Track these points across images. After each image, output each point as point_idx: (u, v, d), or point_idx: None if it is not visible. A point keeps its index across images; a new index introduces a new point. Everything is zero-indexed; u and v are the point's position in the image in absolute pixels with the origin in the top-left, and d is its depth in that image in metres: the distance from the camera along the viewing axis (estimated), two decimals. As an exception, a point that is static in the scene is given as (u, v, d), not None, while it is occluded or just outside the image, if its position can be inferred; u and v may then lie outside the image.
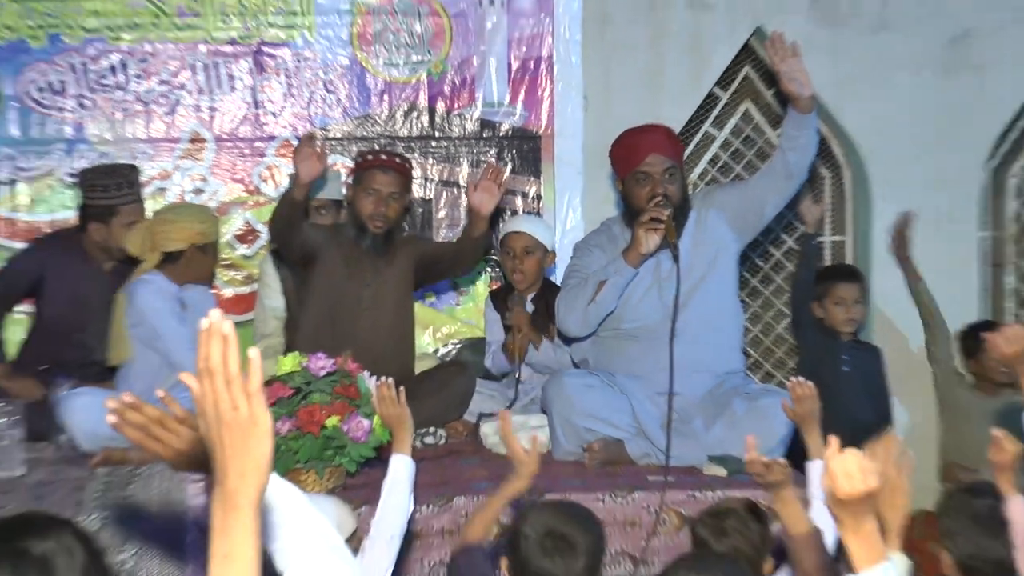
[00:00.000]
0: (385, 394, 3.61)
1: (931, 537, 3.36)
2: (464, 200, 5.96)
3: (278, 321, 5.59)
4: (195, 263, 4.99)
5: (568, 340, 5.16)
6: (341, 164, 5.83)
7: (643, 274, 4.75)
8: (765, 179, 4.97)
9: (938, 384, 5.93)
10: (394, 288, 5.31)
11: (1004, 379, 5.27)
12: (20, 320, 5.65)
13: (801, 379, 3.65)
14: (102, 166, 5.56)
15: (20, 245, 5.72)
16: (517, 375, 5.42)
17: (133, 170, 5.50)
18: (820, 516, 3.28)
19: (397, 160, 5.27)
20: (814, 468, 3.56)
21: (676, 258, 4.67)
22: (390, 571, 3.36)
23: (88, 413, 4.71)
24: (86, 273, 5.43)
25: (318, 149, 5.00)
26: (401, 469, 3.46)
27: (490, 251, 5.77)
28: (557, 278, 5.49)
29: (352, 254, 5.21)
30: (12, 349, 5.62)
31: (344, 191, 5.46)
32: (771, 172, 4.93)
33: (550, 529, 3.09)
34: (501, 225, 5.79)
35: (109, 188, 5.34)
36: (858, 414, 5.35)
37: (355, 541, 3.36)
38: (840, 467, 2.19)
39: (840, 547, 2.87)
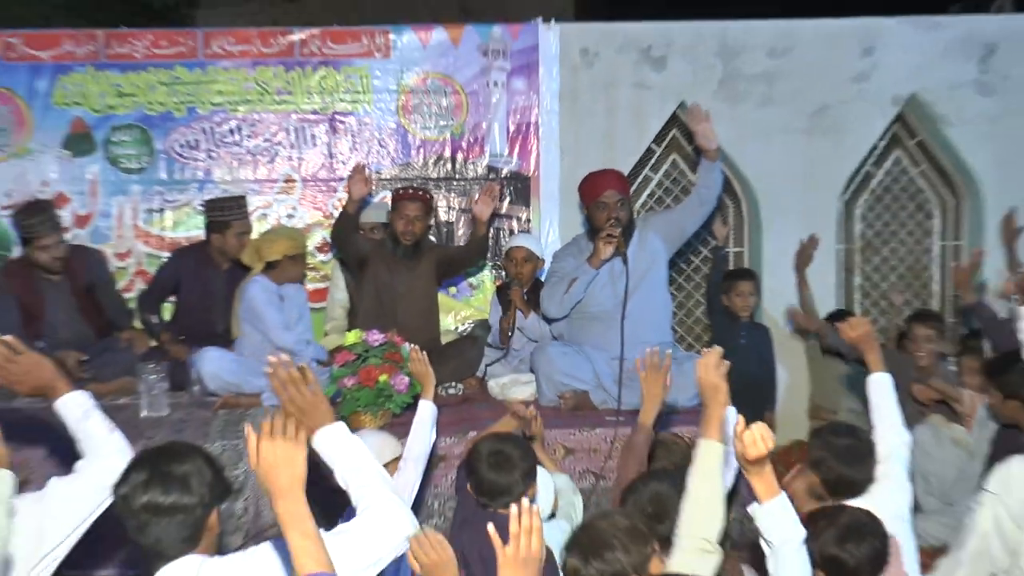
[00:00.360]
0: (415, 357, 3.77)
1: (802, 460, 3.42)
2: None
3: (343, 309, 5.71)
4: (288, 269, 5.10)
5: (549, 321, 5.22)
6: (388, 197, 5.80)
7: (602, 274, 4.89)
8: (686, 208, 5.12)
9: (809, 355, 6.01)
10: (423, 283, 5.41)
11: (854, 353, 5.53)
12: (167, 307, 5.76)
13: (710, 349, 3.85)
14: (221, 196, 5.70)
15: (166, 254, 5.82)
16: (511, 335, 5.45)
17: (242, 198, 5.64)
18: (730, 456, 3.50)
19: (420, 192, 5.40)
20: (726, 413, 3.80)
21: (625, 262, 4.81)
22: (418, 483, 3.51)
23: (215, 363, 4.93)
24: (210, 273, 5.57)
25: (366, 176, 5.19)
26: (426, 411, 3.62)
27: (486, 253, 5.81)
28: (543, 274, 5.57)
29: (392, 260, 5.33)
30: (161, 327, 5.68)
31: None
32: (690, 203, 5.08)
33: (492, 450, 3.23)
34: (504, 240, 5.93)
35: (224, 209, 5.50)
36: (752, 374, 5.47)
37: (397, 463, 3.57)
38: (749, 438, 2.41)
39: (742, 481, 3.10)
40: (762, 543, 2.59)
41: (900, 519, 3.17)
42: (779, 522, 2.52)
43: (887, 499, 3.19)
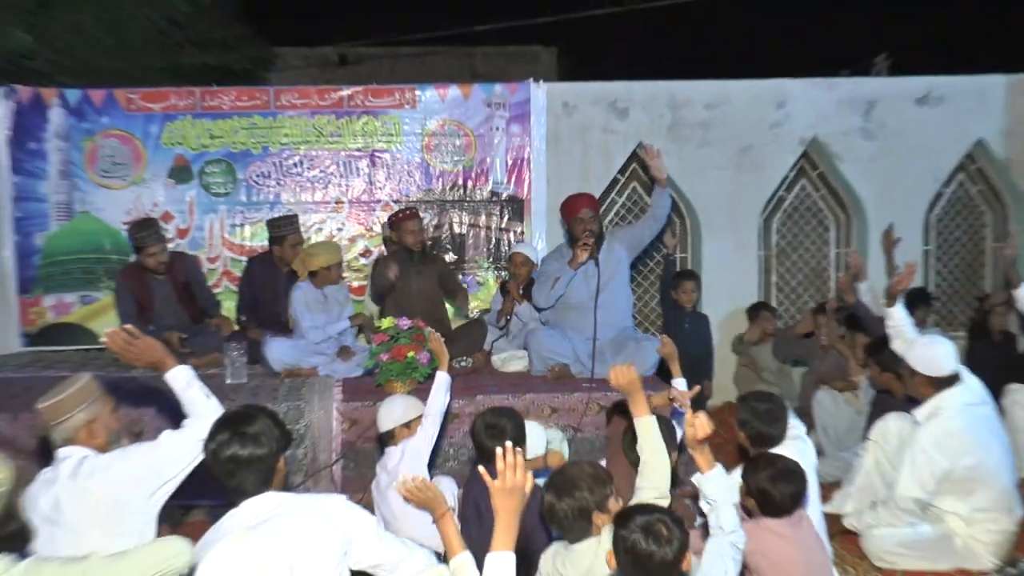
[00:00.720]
0: (434, 338, 3.76)
1: (731, 416, 3.47)
2: (482, 232, 6.06)
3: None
4: (324, 276, 5.05)
5: (539, 309, 5.16)
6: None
7: (579, 274, 4.83)
8: (643, 224, 5.06)
9: (734, 343, 6.02)
10: (430, 285, 5.34)
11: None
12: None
13: (665, 336, 3.73)
14: (279, 216, 5.65)
15: (244, 259, 5.78)
16: (509, 319, 5.43)
17: (295, 216, 5.61)
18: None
19: (411, 211, 5.40)
20: (677, 383, 3.66)
21: (597, 264, 4.77)
22: (436, 434, 3.50)
23: (277, 351, 4.92)
24: (273, 275, 5.51)
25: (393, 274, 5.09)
26: (442, 380, 3.60)
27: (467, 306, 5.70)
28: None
29: (405, 266, 5.27)
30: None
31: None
32: (646, 220, 5.03)
33: (488, 424, 3.21)
34: (504, 248, 5.95)
35: (281, 226, 5.46)
36: (694, 352, 5.48)
37: (420, 419, 3.57)
38: (698, 423, 2.44)
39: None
40: (702, 502, 2.61)
41: (808, 465, 3.17)
42: (718, 486, 2.54)
43: (799, 451, 3.20)
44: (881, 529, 3.60)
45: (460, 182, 6.08)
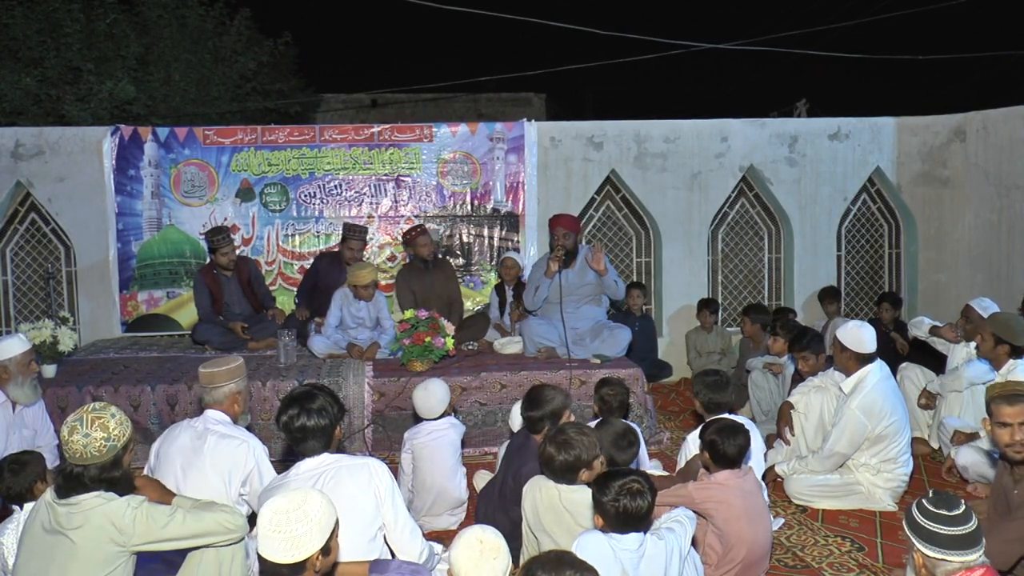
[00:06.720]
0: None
1: (687, 390, 3.43)
2: (485, 241, 5.93)
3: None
4: (368, 288, 4.89)
5: (529, 311, 5.02)
6: (432, 226, 5.81)
7: (553, 281, 4.68)
8: (609, 287, 4.77)
9: (688, 336, 5.86)
10: (441, 283, 5.27)
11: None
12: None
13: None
14: (352, 223, 5.48)
15: (297, 263, 5.72)
16: (504, 315, 5.40)
17: (363, 228, 5.47)
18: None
19: (421, 228, 5.30)
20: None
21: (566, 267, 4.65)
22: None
23: (319, 344, 4.82)
24: (336, 271, 5.30)
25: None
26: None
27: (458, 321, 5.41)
28: (524, 276, 5.47)
29: (420, 274, 5.22)
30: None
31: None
32: (609, 288, 4.77)
33: (530, 395, 3.04)
34: (502, 254, 5.79)
35: (348, 230, 5.36)
36: (645, 350, 5.48)
37: (449, 407, 3.40)
38: None
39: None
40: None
41: (756, 447, 3.13)
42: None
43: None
44: (800, 475, 3.59)
45: (468, 201, 5.98)
